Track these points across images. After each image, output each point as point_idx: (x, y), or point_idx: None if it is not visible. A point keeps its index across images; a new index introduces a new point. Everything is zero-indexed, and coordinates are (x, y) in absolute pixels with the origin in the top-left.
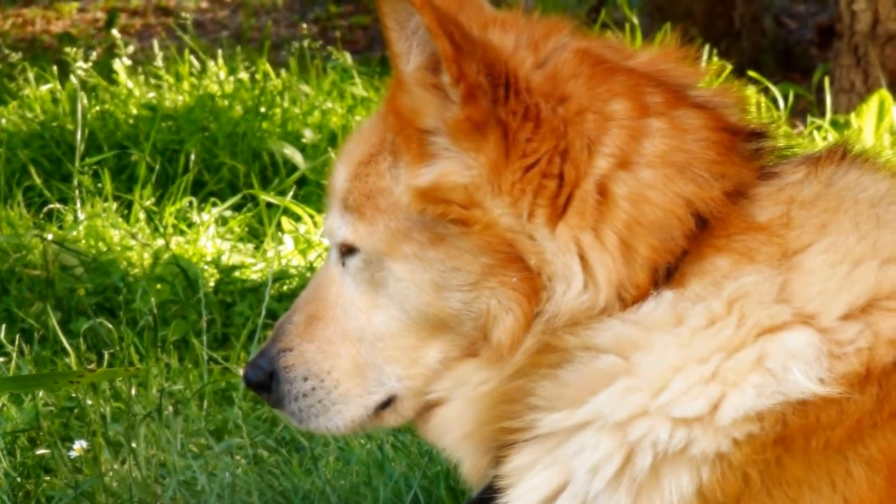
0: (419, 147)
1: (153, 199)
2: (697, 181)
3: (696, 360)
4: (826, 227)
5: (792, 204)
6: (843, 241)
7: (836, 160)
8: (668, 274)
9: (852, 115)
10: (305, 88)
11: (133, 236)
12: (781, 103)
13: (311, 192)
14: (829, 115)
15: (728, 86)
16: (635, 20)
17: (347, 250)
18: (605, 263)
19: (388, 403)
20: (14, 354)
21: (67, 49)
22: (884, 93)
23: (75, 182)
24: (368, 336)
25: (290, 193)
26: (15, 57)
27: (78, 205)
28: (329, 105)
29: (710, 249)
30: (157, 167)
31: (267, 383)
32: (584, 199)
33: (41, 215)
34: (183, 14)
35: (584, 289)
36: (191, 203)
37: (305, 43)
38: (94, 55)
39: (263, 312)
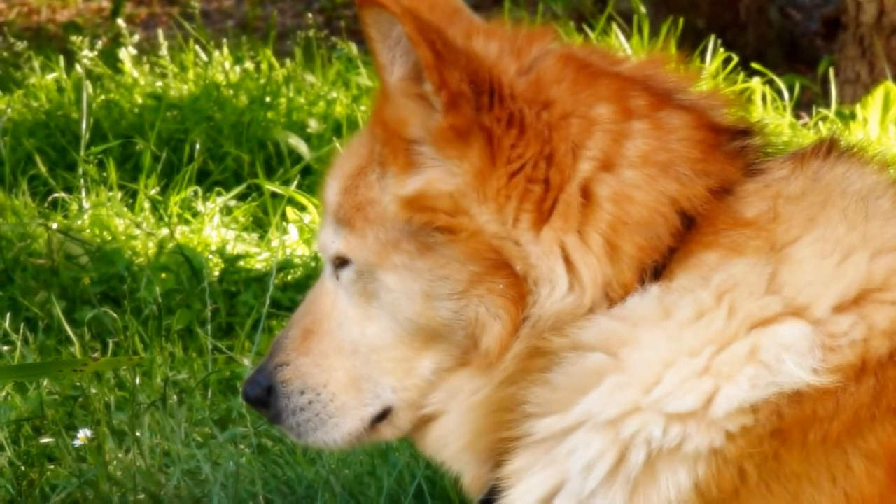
0: (405, 157)
1: (158, 189)
2: (681, 179)
3: (687, 353)
4: (814, 220)
5: (779, 199)
6: (832, 232)
7: (823, 155)
8: (655, 272)
9: (857, 107)
10: (310, 78)
11: (138, 225)
12: (787, 95)
13: (316, 181)
14: (834, 106)
15: (717, 87)
16: (643, 10)
17: (340, 263)
18: (590, 264)
19: (384, 416)
20: (18, 343)
21: (73, 38)
22: (889, 84)
23: (80, 171)
24: (362, 348)
25: (295, 183)
26: (20, 46)
27: (83, 194)
28: (334, 95)
29: (697, 246)
30: (162, 156)
31: (265, 399)
32: (568, 203)
33: (46, 204)
34: (192, 3)
35: (568, 290)
36: (195, 192)
37: (311, 33)
38: (99, 44)
39: (268, 302)
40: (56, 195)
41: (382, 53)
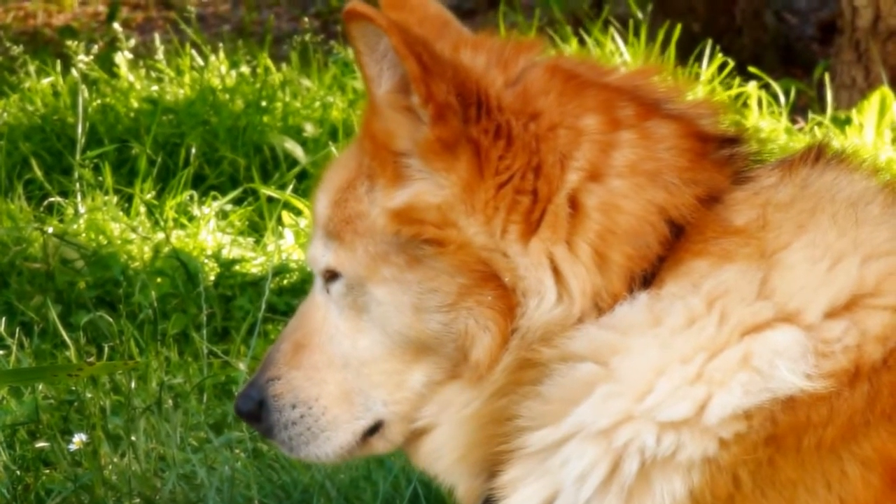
0: (393, 169)
1: (154, 193)
2: (669, 188)
3: (679, 360)
4: (804, 227)
5: (768, 206)
6: (822, 238)
7: (811, 162)
8: (645, 281)
9: (853, 112)
10: (306, 82)
11: (133, 230)
12: (782, 99)
13: (312, 186)
14: (830, 111)
15: (708, 95)
16: (640, 14)
17: (330, 276)
18: (579, 274)
19: (375, 429)
20: (14, 347)
21: (69, 42)
22: (885, 89)
23: (76, 175)
24: (353, 361)
25: (291, 187)
26: (16, 50)
27: (78, 198)
28: (330, 99)
29: (686, 254)
30: (158, 161)
31: (257, 413)
32: (556, 213)
33: (42, 208)
34: (188, 7)
35: (557, 301)
36: (191, 197)
37: (307, 37)
38: (95, 49)
39: (263, 306)
40: (52, 199)
41: (370, 66)
